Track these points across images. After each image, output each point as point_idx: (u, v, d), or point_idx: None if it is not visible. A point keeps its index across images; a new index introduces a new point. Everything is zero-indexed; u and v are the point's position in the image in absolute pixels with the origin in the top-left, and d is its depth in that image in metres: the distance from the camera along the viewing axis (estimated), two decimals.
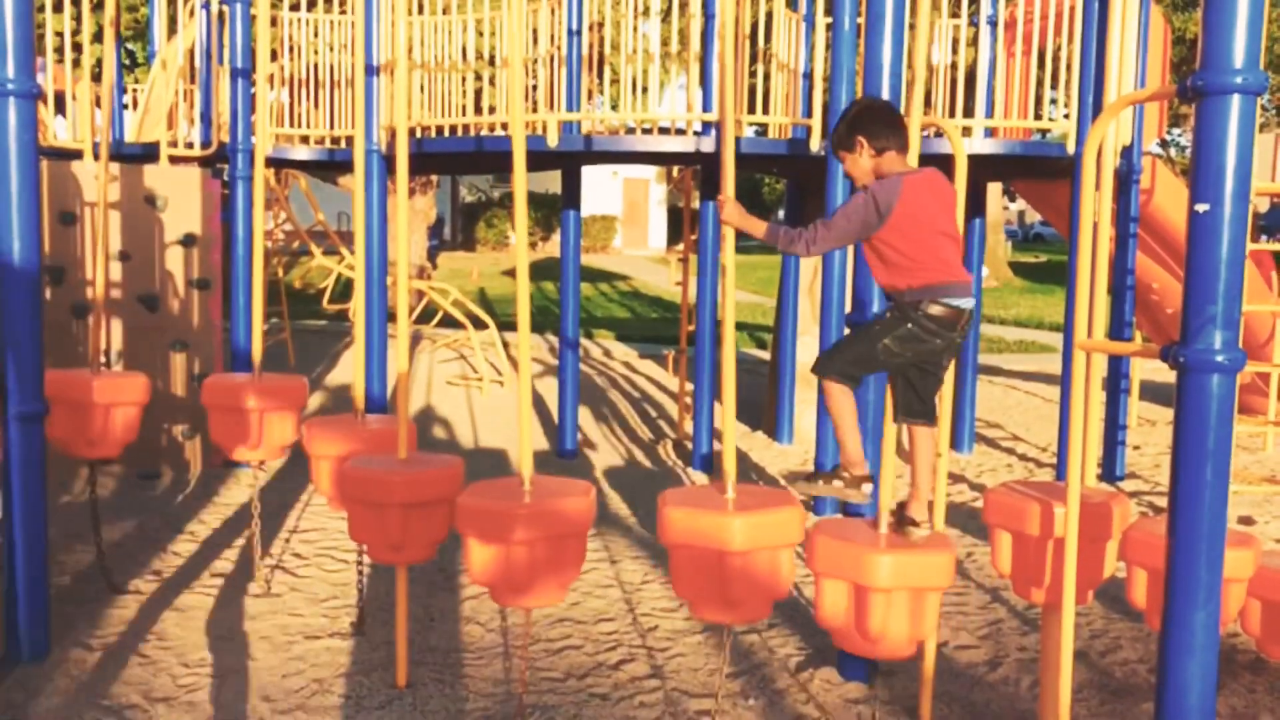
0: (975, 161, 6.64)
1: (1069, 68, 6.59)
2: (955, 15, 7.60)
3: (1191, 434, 2.57)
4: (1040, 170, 7.43)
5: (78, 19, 6.82)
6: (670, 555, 3.25)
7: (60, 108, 9.40)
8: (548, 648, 4.24)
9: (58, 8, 7.06)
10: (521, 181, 3.53)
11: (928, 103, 7.64)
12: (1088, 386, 3.21)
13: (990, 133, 7.04)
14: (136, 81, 12.51)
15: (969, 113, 6.73)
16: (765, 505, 3.22)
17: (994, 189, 25.44)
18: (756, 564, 3.13)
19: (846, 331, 3.73)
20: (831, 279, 6.13)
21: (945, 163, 3.60)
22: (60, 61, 7.41)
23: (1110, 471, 7.32)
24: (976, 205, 8.21)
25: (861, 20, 4.34)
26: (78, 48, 7.17)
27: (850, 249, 4.30)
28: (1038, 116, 7.19)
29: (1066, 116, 6.60)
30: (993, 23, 7.08)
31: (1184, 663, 2.62)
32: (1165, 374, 10.44)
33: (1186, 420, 2.57)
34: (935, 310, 3.14)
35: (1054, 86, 6.85)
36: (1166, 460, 7.84)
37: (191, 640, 4.22)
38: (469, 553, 3.36)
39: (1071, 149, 6.44)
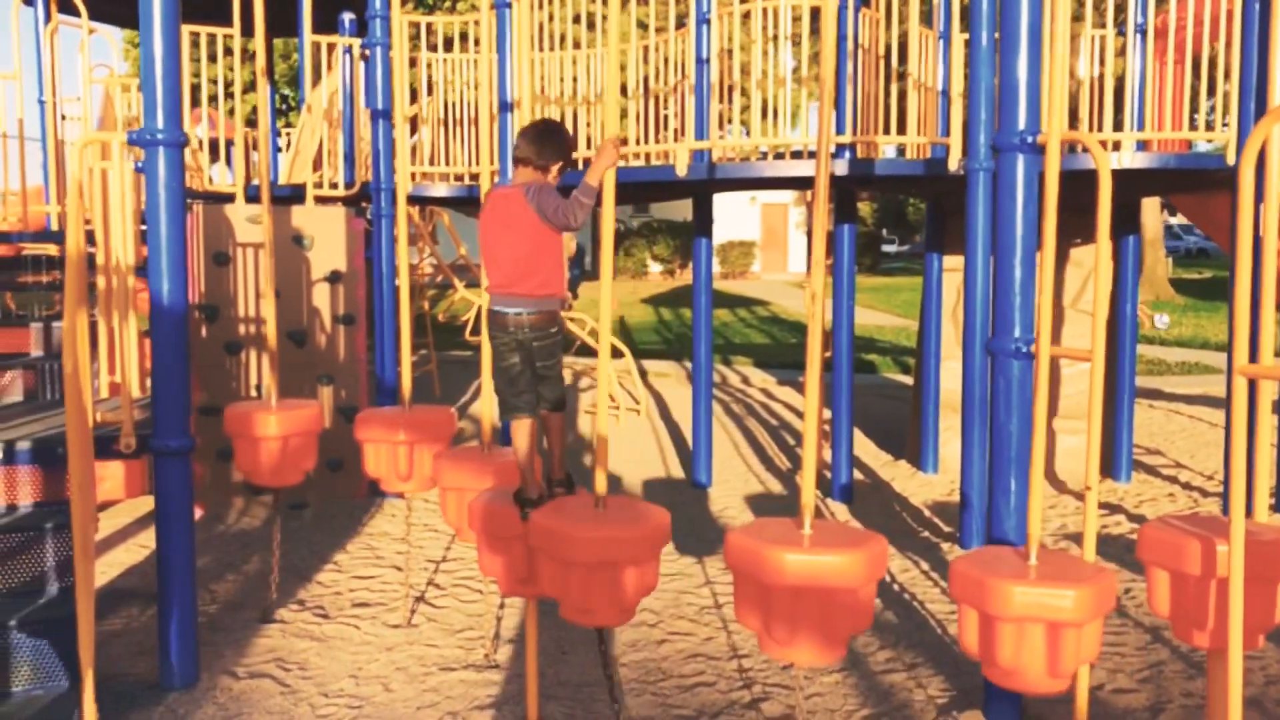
0: (1127, 176, 6.34)
1: (1227, 74, 6.23)
2: (1102, 25, 7.29)
3: None
4: (1198, 183, 7.03)
5: (232, 69, 7.13)
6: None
7: (221, 153, 9.87)
8: (680, 684, 4.16)
9: (213, 58, 7.40)
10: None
11: (1075, 117, 7.33)
12: (1254, 415, 2.98)
13: (1143, 145, 6.71)
14: (289, 125, 13.05)
15: (1119, 126, 6.42)
16: None
17: (1151, 203, 24.31)
18: None
19: None
20: (974, 302, 5.94)
21: (1089, 179, 3.41)
22: (228, 112, 7.76)
23: None
24: (1130, 221, 7.83)
25: (999, 35, 4.17)
26: (232, 95, 7.51)
27: (991, 271, 4.12)
28: (1194, 127, 6.82)
29: (1226, 125, 6.23)
30: (1142, 31, 6.75)
31: None
32: None
33: None
34: (490, 316, 3.51)
35: (1210, 95, 6.48)
36: None
37: (331, 670, 4.30)
38: (537, 565, 3.37)
39: (1231, 160, 6.07)
